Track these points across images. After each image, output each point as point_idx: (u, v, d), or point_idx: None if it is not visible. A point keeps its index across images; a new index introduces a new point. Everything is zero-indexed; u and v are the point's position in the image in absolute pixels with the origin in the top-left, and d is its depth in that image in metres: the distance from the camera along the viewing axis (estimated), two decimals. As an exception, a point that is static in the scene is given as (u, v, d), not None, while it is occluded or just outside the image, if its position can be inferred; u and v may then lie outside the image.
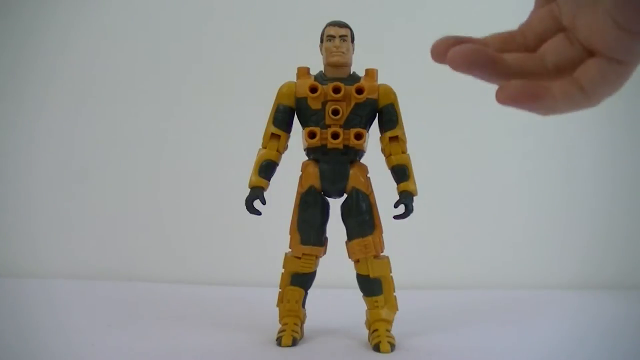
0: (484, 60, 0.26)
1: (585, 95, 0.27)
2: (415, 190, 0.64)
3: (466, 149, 1.05)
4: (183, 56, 1.07)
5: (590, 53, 0.27)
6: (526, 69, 0.28)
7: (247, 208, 0.63)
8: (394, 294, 0.66)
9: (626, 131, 1.06)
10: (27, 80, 1.07)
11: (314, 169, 0.64)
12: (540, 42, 0.29)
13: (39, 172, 1.07)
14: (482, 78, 0.27)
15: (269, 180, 0.64)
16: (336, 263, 0.68)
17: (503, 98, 0.26)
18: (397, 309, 0.66)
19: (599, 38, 0.26)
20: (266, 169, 0.64)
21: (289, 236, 0.66)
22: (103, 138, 1.07)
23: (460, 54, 0.26)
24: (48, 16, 1.07)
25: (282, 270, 0.66)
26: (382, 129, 0.65)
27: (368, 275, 0.64)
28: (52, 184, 1.07)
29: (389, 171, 0.65)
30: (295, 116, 0.65)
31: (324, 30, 0.65)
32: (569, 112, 0.28)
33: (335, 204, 0.66)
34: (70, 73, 1.07)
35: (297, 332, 0.64)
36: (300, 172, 0.66)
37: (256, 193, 0.63)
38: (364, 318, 0.67)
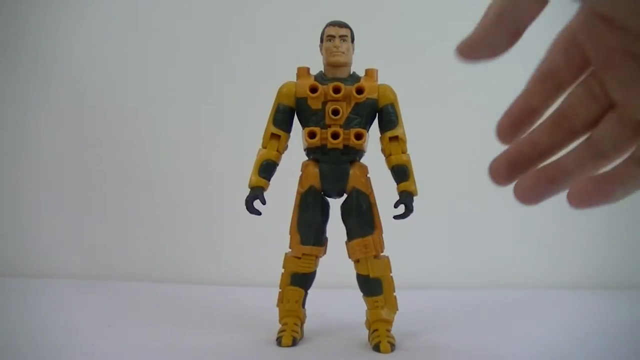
0: (552, 187, 0.27)
1: None
2: (415, 190, 0.64)
3: (466, 149, 1.05)
4: (183, 56, 1.07)
5: None
6: (587, 165, 0.27)
7: (247, 208, 0.63)
8: (394, 294, 0.66)
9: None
10: (28, 79, 1.07)
11: (314, 169, 0.64)
12: (587, 125, 0.28)
13: (39, 172, 1.07)
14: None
15: (269, 180, 0.64)
16: (336, 263, 0.68)
17: (577, 203, 0.26)
18: (397, 309, 0.66)
19: None
20: (266, 169, 0.64)
21: (289, 236, 0.66)
22: (103, 138, 1.07)
23: (528, 190, 0.27)
24: (48, 16, 1.07)
25: (282, 270, 0.66)
26: (382, 129, 0.65)
27: (368, 275, 0.64)
28: (52, 184, 1.07)
29: (389, 171, 0.65)
30: (295, 116, 0.65)
31: (324, 30, 0.65)
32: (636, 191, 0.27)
33: (335, 204, 0.66)
34: (73, 73, 1.07)
35: (297, 332, 0.64)
36: (300, 172, 0.66)
37: (256, 193, 0.63)
38: (364, 318, 0.67)
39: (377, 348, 0.61)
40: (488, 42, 0.26)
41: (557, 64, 0.28)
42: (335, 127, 0.63)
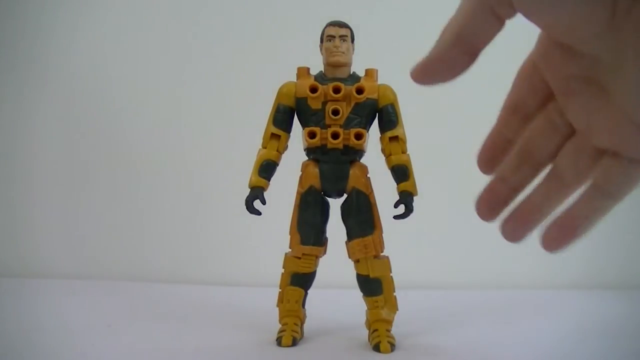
0: (528, 225, 0.29)
1: (612, 199, 0.27)
2: (415, 190, 0.64)
3: (466, 149, 1.05)
4: (183, 56, 1.07)
5: (602, 152, 0.26)
6: (554, 197, 0.28)
7: (247, 208, 0.63)
8: (394, 294, 0.65)
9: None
10: (28, 79, 1.07)
11: (314, 169, 0.64)
12: (550, 157, 0.28)
13: (39, 172, 1.07)
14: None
15: (269, 180, 0.64)
16: (336, 263, 0.68)
17: (550, 249, 0.28)
18: (397, 309, 0.66)
19: (619, 141, 0.25)
20: (266, 169, 0.64)
21: (289, 236, 0.66)
22: (103, 138, 1.07)
23: (510, 232, 0.30)
24: (49, 15, 1.07)
25: (282, 270, 0.66)
26: (382, 129, 0.65)
27: (368, 275, 0.64)
28: (52, 184, 1.07)
29: (389, 171, 0.65)
30: (296, 116, 0.65)
31: (324, 30, 0.64)
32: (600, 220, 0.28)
33: (335, 204, 0.66)
34: (73, 73, 1.07)
35: (297, 332, 0.64)
36: (300, 172, 0.66)
37: (256, 193, 0.63)
38: (364, 318, 0.67)
39: (377, 348, 0.61)
40: (445, 64, 0.26)
41: (522, 95, 0.29)
42: (335, 127, 0.63)
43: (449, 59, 0.25)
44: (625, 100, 0.23)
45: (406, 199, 0.63)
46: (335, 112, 0.62)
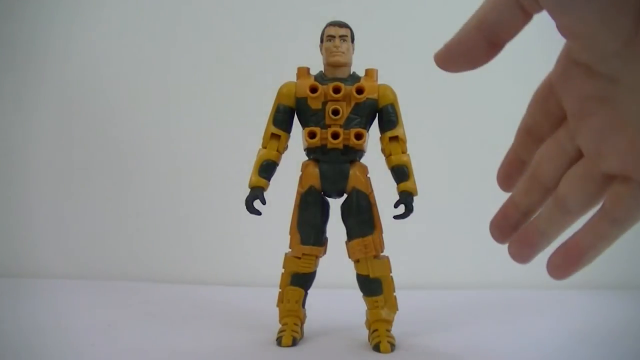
0: (534, 249, 0.29)
1: (620, 225, 0.26)
2: (415, 190, 0.63)
3: (467, 149, 1.05)
4: (184, 56, 1.07)
5: (609, 178, 0.26)
6: (558, 223, 0.28)
7: (247, 208, 0.63)
8: (394, 294, 0.65)
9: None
10: (26, 80, 1.07)
11: (314, 169, 0.64)
12: (557, 181, 0.28)
13: (39, 172, 1.07)
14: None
15: (269, 180, 0.64)
16: (336, 263, 0.68)
17: (556, 276, 0.28)
18: (397, 309, 0.66)
19: (632, 164, 0.25)
20: (266, 169, 0.64)
21: (289, 236, 0.66)
22: (103, 138, 1.07)
23: (517, 255, 0.30)
24: (49, 15, 1.07)
25: (282, 270, 0.66)
26: (382, 129, 0.65)
27: (368, 275, 0.64)
28: (52, 184, 1.07)
29: (389, 171, 0.65)
30: (296, 116, 0.65)
31: (324, 31, 0.64)
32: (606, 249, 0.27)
33: (335, 204, 0.66)
34: (68, 74, 1.07)
35: (297, 332, 0.64)
36: (300, 172, 0.66)
37: (256, 193, 0.63)
38: (364, 318, 0.67)
39: (377, 348, 0.61)
40: (467, 49, 0.26)
41: (536, 117, 0.29)
42: (335, 127, 0.62)
43: (471, 45, 0.26)
44: None
45: (406, 199, 0.63)
46: (335, 112, 0.62)
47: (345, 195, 0.65)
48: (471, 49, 0.26)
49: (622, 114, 0.24)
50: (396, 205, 0.63)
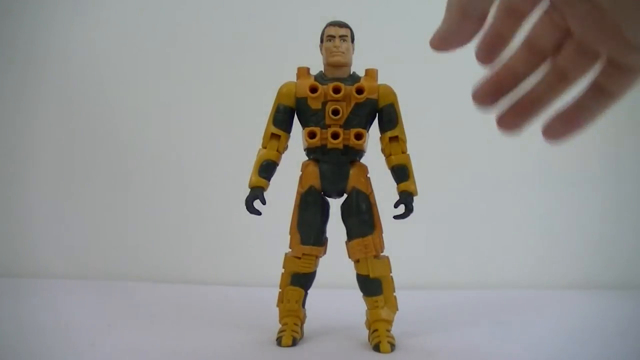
0: (529, 114, 0.30)
1: (613, 96, 0.29)
2: (415, 190, 0.64)
3: (467, 149, 1.05)
4: (184, 56, 1.07)
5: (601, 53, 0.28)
6: (556, 88, 0.30)
7: (247, 208, 0.63)
8: (394, 294, 0.66)
9: (631, 132, 1.06)
10: (26, 79, 1.07)
11: (314, 169, 0.64)
12: (554, 47, 0.30)
13: (39, 172, 1.07)
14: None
15: (269, 180, 0.64)
16: (336, 263, 0.68)
17: (550, 137, 0.30)
18: (397, 309, 0.66)
19: (613, 53, 0.27)
20: (266, 169, 0.64)
21: (289, 236, 0.66)
22: (103, 138, 1.07)
23: (510, 120, 0.31)
24: (49, 15, 1.07)
25: (282, 270, 0.66)
26: (382, 129, 0.65)
27: (368, 275, 0.64)
28: (52, 184, 1.07)
29: (389, 171, 0.65)
30: (296, 116, 0.65)
31: (324, 31, 0.65)
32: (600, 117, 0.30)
33: (335, 204, 0.66)
34: (71, 73, 1.07)
35: (297, 332, 0.64)
36: (300, 172, 0.66)
37: (256, 193, 0.63)
38: (364, 318, 0.67)
39: (377, 348, 0.61)
40: (456, 33, 0.29)
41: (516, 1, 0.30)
42: (335, 127, 0.63)
43: (459, 29, 0.28)
44: (618, 17, 0.25)
45: (406, 199, 0.63)
46: (335, 112, 0.62)
47: (345, 195, 0.65)
48: (460, 31, 0.29)
49: (601, 9, 0.26)
50: (396, 205, 0.63)
